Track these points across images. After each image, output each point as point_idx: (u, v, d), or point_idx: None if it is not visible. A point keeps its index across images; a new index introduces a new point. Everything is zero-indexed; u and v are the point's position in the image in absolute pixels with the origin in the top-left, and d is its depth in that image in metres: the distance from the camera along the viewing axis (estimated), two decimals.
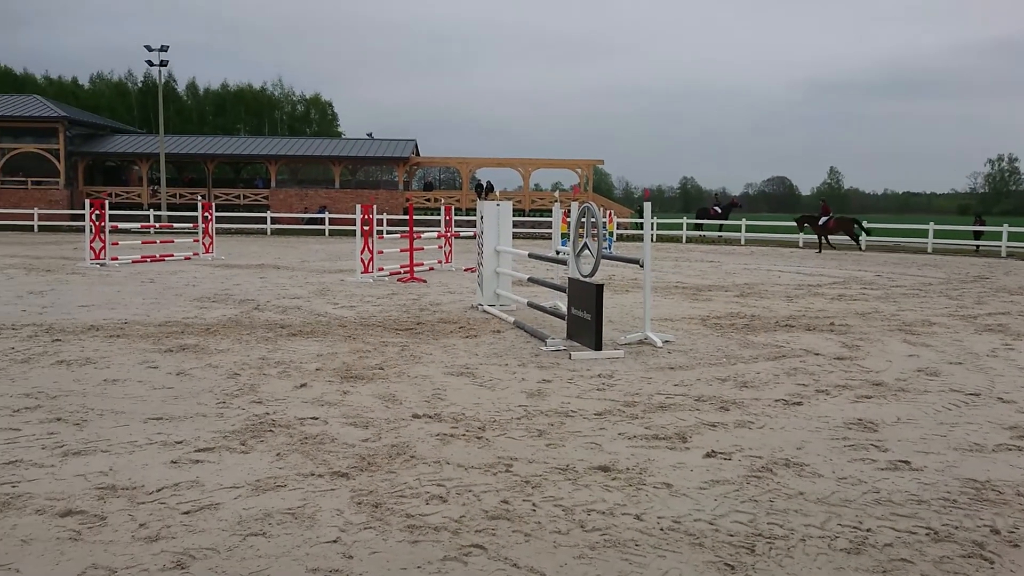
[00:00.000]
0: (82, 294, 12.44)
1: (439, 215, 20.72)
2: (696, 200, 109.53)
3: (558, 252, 10.98)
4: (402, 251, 16.84)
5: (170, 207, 42.34)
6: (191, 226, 22.88)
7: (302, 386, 6.32)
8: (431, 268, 18.09)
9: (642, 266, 8.50)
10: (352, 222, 25.33)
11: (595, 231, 8.28)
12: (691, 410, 5.74)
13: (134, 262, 18.74)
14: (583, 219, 8.63)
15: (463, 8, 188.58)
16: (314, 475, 4.25)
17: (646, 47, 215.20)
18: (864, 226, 28.14)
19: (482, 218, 11.35)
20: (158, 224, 26.39)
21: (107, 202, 19.53)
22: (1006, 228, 27.52)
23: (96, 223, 18.53)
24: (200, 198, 26.45)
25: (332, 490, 4.03)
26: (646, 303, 8.60)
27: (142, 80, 74.64)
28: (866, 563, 3.27)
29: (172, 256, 20.39)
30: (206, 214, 21.70)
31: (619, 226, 33.64)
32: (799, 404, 5.96)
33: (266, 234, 38.11)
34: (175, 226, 25.32)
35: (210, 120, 75.42)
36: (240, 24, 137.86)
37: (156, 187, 43.80)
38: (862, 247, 27.18)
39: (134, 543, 3.37)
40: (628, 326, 9.56)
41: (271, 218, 39.65)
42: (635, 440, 4.98)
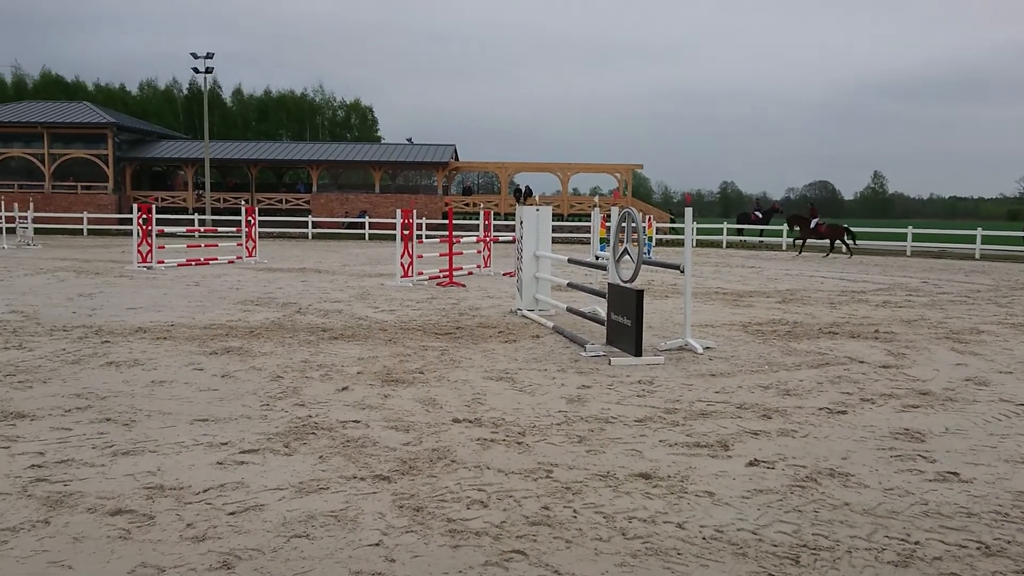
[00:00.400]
0: (130, 296, 12.72)
1: (478, 219, 20.77)
2: (736, 205, 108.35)
3: (597, 257, 10.94)
4: (441, 255, 16.93)
5: (214, 211, 43.11)
6: (235, 230, 23.25)
7: (344, 389, 6.38)
8: (470, 272, 18.16)
9: (683, 271, 8.43)
10: (392, 226, 25.52)
11: (635, 236, 8.25)
12: (733, 418, 5.68)
13: (179, 265, 19.10)
14: (623, 224, 8.60)
15: (503, 13, 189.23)
16: (356, 478, 4.28)
17: (686, 50, 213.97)
18: (853, 233, 29.04)
19: (521, 223, 11.37)
20: (203, 228, 26.87)
21: (154, 206, 19.96)
22: None
23: (143, 227, 18.94)
24: (243, 202, 26.85)
25: (374, 493, 4.06)
26: (687, 309, 8.53)
27: (187, 87, 76.22)
28: None
29: (216, 259, 20.74)
30: (249, 218, 22.04)
31: (657, 231, 33.57)
32: (843, 413, 5.87)
33: (307, 238, 38.61)
34: (219, 230, 25.78)
35: (253, 126, 76.72)
36: (281, 31, 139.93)
37: (201, 191, 44.62)
38: (850, 254, 27.89)
39: (182, 543, 3.43)
40: (668, 332, 9.49)
41: (312, 222, 40.15)
42: (676, 447, 4.95)
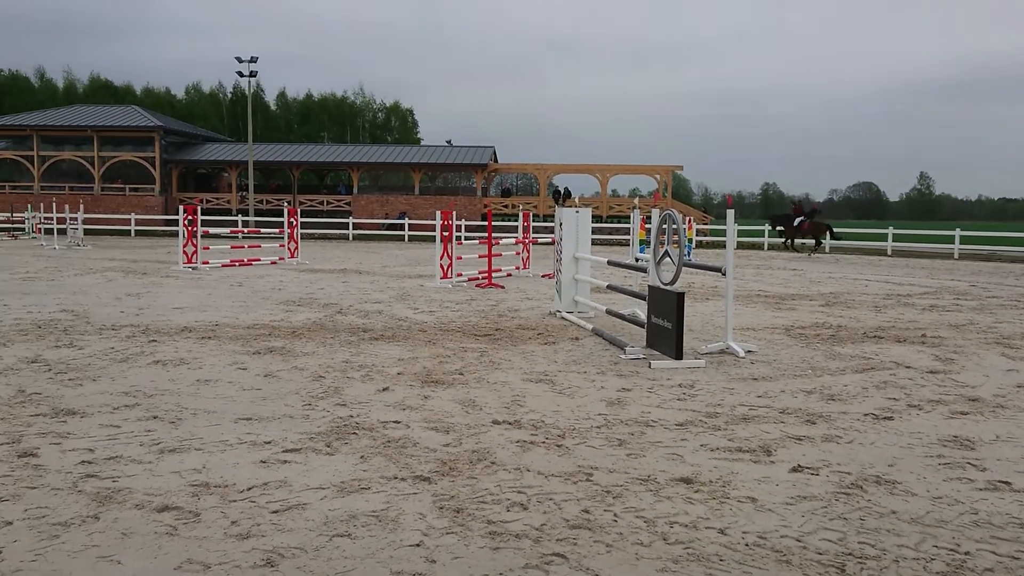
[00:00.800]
0: (175, 296, 12.96)
1: (517, 221, 20.79)
2: (778, 206, 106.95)
3: (637, 259, 10.88)
4: (480, 257, 16.98)
5: (257, 213, 43.77)
6: (277, 231, 23.59)
7: (384, 390, 6.43)
8: (509, 274, 18.18)
9: (724, 274, 8.34)
10: (431, 228, 25.67)
11: (676, 238, 8.18)
12: (776, 422, 5.61)
13: (223, 266, 19.43)
14: (664, 226, 8.54)
15: (542, 17, 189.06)
16: (397, 478, 4.31)
17: (726, 51, 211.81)
18: (834, 231, 30.77)
19: (560, 225, 11.35)
20: (246, 229, 27.28)
21: (199, 208, 20.33)
22: None
23: (188, 228, 19.29)
24: (285, 204, 27.22)
25: (414, 494, 4.08)
26: (728, 312, 8.44)
27: (232, 90, 77.52)
28: None
29: (259, 260, 21.06)
30: (291, 220, 22.33)
31: (698, 232, 33.40)
32: (889, 419, 5.75)
33: (348, 239, 38.99)
34: (262, 231, 26.16)
35: (295, 128, 77.83)
36: (323, 34, 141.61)
37: (244, 193, 45.32)
38: (827, 249, 29.68)
39: (226, 540, 3.49)
40: (709, 335, 9.40)
41: (353, 223, 40.54)
42: (718, 452, 4.89)
